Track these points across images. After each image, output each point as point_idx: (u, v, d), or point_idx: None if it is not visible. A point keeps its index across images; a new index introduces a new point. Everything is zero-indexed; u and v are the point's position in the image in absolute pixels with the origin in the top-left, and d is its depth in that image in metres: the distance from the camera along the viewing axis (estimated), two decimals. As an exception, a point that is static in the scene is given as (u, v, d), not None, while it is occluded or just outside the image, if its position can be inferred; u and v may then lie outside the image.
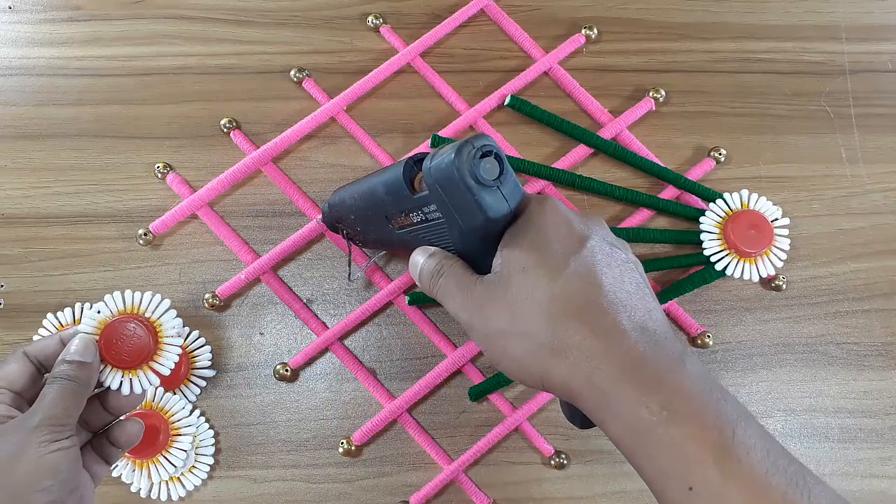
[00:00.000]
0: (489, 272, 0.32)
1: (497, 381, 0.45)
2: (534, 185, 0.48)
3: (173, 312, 0.38)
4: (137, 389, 0.35)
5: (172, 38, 0.50)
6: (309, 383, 0.46)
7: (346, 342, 0.46)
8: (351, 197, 0.39)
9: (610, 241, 0.31)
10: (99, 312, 0.36)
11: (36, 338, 0.45)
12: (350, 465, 0.45)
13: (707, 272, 0.46)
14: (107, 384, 0.35)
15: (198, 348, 0.45)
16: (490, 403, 0.45)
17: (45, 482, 0.30)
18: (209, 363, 0.45)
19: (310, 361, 0.46)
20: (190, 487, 0.44)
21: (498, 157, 0.31)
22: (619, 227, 0.47)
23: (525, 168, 0.47)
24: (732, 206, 0.46)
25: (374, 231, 0.39)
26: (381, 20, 0.50)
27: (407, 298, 0.46)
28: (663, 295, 0.46)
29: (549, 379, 0.29)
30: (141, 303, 0.37)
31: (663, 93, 0.49)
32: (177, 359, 0.37)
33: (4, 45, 0.50)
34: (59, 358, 0.34)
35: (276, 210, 0.48)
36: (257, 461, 0.45)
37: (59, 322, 0.45)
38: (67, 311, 0.45)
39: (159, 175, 0.47)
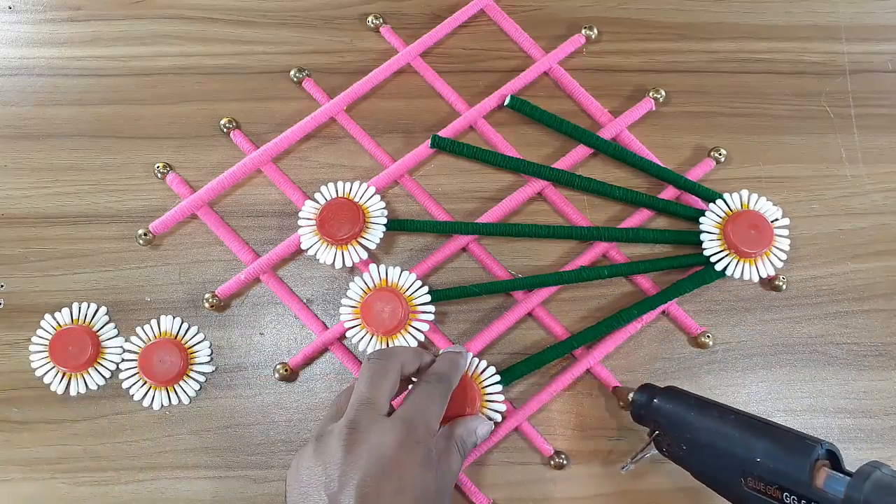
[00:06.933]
0: None
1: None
2: (534, 186, 0.48)
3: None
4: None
5: (172, 38, 0.50)
6: (309, 383, 0.46)
7: (346, 342, 0.46)
8: (703, 427, 0.36)
9: None
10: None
11: (35, 339, 0.45)
12: (350, 465, 0.45)
13: (707, 272, 0.46)
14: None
15: (196, 344, 0.45)
16: (490, 403, 0.45)
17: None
18: (208, 358, 0.45)
19: (309, 361, 0.46)
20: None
21: None
22: (619, 227, 0.47)
23: (525, 168, 0.47)
24: (732, 207, 0.46)
25: (705, 465, 0.36)
26: (381, 20, 0.50)
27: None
28: (663, 295, 0.46)
29: None
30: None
31: (663, 93, 0.49)
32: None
33: (4, 45, 0.50)
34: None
35: (276, 210, 0.48)
36: (257, 461, 0.45)
37: (58, 322, 0.45)
38: (65, 311, 0.45)
39: (159, 175, 0.47)
